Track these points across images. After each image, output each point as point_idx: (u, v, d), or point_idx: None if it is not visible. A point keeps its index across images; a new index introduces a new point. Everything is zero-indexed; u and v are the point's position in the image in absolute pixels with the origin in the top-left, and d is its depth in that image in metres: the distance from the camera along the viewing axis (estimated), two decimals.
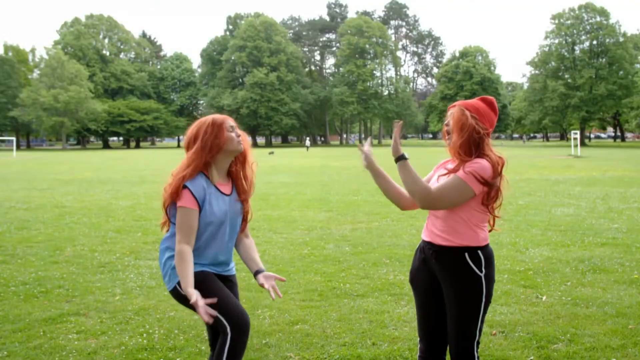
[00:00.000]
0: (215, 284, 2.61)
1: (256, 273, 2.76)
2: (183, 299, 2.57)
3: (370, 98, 79.78)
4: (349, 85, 79.27)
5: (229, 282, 2.78)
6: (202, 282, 2.54)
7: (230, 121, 2.66)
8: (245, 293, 5.25)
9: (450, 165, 2.61)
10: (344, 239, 7.94)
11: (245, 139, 2.73)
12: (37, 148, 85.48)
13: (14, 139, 59.40)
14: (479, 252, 2.55)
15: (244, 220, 2.79)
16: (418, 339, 2.80)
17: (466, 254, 2.53)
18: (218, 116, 2.67)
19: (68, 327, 4.37)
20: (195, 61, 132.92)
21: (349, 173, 21.82)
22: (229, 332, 2.50)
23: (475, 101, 2.65)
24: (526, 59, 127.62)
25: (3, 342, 4.07)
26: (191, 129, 2.66)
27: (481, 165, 2.49)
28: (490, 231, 2.65)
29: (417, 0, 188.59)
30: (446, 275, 2.58)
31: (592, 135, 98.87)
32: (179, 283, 2.55)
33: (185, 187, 2.54)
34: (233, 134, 2.63)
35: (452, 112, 2.62)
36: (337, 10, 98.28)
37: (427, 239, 2.68)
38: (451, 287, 2.57)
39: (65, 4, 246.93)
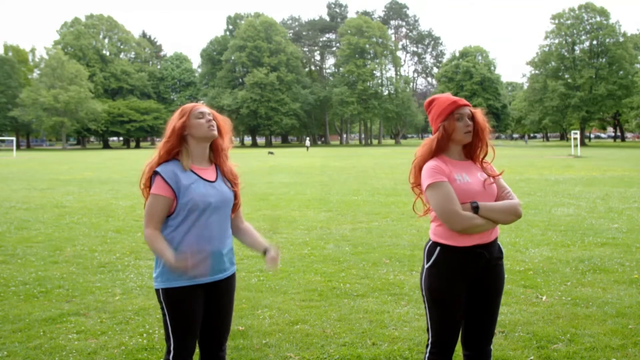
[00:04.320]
0: (189, 311, 2.53)
1: (264, 252, 2.72)
2: (162, 303, 2.55)
3: (370, 98, 79.76)
4: (349, 85, 79.24)
5: (223, 287, 2.63)
6: (180, 304, 2.50)
7: (200, 108, 2.57)
8: (245, 293, 5.26)
9: (482, 170, 2.70)
10: (344, 239, 7.94)
11: (223, 125, 2.63)
12: (37, 148, 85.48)
13: (14, 139, 59.40)
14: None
15: (234, 208, 2.69)
16: (463, 350, 2.76)
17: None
18: (187, 105, 2.60)
19: (68, 327, 4.37)
20: (195, 61, 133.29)
21: (349, 173, 21.82)
22: (171, 357, 2.54)
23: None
24: (526, 59, 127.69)
25: (3, 342, 4.07)
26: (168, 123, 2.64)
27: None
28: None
29: (417, 0, 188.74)
30: (502, 269, 2.73)
31: (592, 135, 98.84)
32: (163, 290, 2.51)
33: (156, 173, 2.49)
34: (202, 120, 2.53)
35: (480, 118, 2.64)
36: (337, 10, 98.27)
37: (484, 241, 2.62)
38: (502, 279, 2.70)
39: (65, 4, 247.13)
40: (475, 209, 2.49)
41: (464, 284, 2.59)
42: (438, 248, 2.59)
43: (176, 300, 2.50)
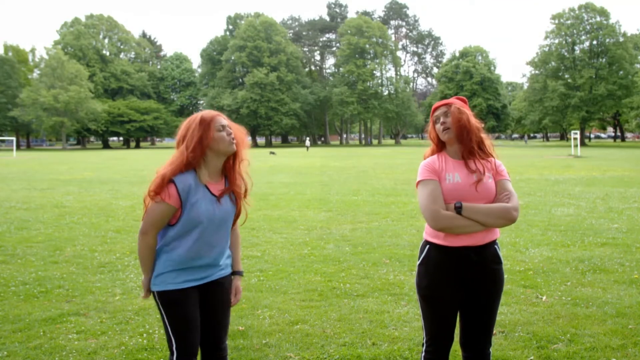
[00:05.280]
0: (185, 312, 2.53)
1: (233, 274, 2.76)
2: (159, 305, 2.57)
3: (370, 98, 79.73)
4: (349, 85, 79.23)
5: (217, 287, 2.64)
6: (176, 304, 2.51)
7: (220, 119, 2.52)
8: (245, 293, 5.26)
9: (482, 170, 2.59)
10: (344, 239, 7.93)
11: (240, 136, 2.58)
12: (37, 148, 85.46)
13: (14, 139, 59.31)
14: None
15: (235, 218, 2.69)
16: (462, 352, 2.75)
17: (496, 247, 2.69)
18: (207, 114, 2.52)
19: (68, 327, 4.37)
20: (195, 61, 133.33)
21: (349, 173, 21.82)
22: (175, 358, 2.55)
23: (462, 102, 2.69)
24: (526, 59, 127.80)
25: (3, 342, 4.07)
26: (181, 127, 2.55)
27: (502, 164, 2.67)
28: None
29: (417, 0, 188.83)
30: (499, 274, 2.70)
31: (592, 135, 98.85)
32: (158, 292, 2.54)
33: (171, 181, 2.45)
34: (223, 134, 2.49)
35: (455, 110, 2.59)
36: (337, 10, 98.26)
37: (473, 243, 2.59)
38: (499, 284, 2.68)
39: (65, 4, 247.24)
40: (458, 210, 2.47)
41: (454, 284, 2.58)
42: (427, 246, 2.62)
43: (171, 302, 2.51)
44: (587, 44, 69.35)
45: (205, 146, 2.48)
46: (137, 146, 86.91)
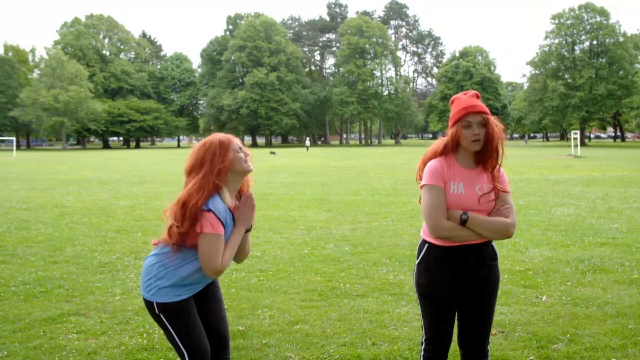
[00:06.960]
0: (188, 317, 2.55)
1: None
2: (156, 317, 2.56)
3: (370, 98, 79.74)
4: (349, 85, 79.23)
5: (211, 289, 2.73)
6: (177, 313, 2.52)
7: (236, 141, 2.59)
8: (245, 293, 5.26)
9: (492, 180, 2.61)
10: (344, 239, 7.93)
11: (250, 157, 2.64)
12: (37, 148, 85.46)
13: (14, 139, 59.31)
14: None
15: None
16: (459, 350, 2.76)
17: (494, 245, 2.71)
18: (223, 137, 2.57)
19: (68, 327, 4.37)
20: (195, 61, 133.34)
21: (349, 173, 21.82)
22: None
23: (476, 98, 2.66)
24: (526, 59, 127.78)
25: (3, 342, 4.07)
26: (196, 152, 2.54)
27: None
28: None
29: (417, 0, 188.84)
30: (495, 270, 2.72)
31: (592, 135, 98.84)
32: (157, 303, 2.52)
33: (209, 210, 2.42)
34: (241, 155, 2.55)
35: (493, 125, 2.57)
36: (337, 10, 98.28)
37: (472, 241, 2.61)
38: (495, 280, 2.69)
39: (65, 4, 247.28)
40: (464, 222, 2.49)
41: (453, 281, 2.60)
42: (426, 245, 2.63)
43: (174, 311, 2.52)
44: (587, 44, 69.34)
45: (227, 168, 2.51)
46: (137, 146, 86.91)
